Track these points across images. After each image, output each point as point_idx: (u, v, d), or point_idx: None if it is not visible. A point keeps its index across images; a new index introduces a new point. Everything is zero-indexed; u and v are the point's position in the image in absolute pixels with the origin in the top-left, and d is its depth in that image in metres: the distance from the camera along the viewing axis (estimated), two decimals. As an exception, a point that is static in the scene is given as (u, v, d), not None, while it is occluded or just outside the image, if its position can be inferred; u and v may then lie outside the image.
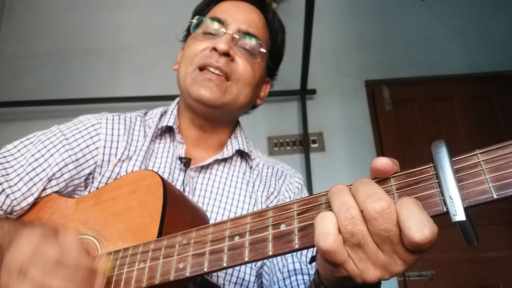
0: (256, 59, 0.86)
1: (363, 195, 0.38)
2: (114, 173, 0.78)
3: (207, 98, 0.80)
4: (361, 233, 0.36)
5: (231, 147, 0.89)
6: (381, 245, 0.37)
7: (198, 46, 0.84)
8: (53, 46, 3.20)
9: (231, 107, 0.84)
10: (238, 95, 0.84)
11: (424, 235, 0.34)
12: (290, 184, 0.90)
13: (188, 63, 0.84)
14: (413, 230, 0.34)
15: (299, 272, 0.75)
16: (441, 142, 0.39)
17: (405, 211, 0.36)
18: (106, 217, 0.64)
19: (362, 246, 0.36)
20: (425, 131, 2.84)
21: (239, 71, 0.83)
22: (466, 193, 0.37)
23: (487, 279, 2.45)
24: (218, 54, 0.81)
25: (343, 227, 0.37)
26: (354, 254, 0.37)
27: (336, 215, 0.38)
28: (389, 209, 0.36)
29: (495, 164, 0.36)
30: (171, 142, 0.87)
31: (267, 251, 0.43)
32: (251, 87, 0.86)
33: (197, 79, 0.81)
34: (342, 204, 0.38)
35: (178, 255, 0.49)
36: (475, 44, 3.09)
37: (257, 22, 0.89)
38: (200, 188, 0.83)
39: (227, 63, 0.81)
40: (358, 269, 0.37)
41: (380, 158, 0.41)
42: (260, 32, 0.88)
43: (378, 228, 0.36)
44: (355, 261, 0.37)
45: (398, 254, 0.37)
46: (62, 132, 0.79)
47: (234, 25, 0.85)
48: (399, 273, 0.37)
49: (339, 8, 3.25)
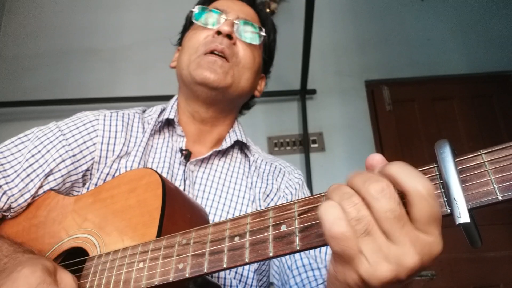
0: (256, 43, 0.90)
1: (360, 181, 0.37)
2: (113, 169, 0.78)
3: (212, 79, 0.81)
4: (367, 218, 0.35)
5: (229, 139, 0.90)
6: (390, 233, 0.35)
7: (200, 35, 0.87)
8: (53, 46, 3.20)
9: (233, 91, 0.86)
10: (240, 78, 0.86)
11: (428, 184, 0.35)
12: (290, 180, 0.90)
13: (192, 52, 0.86)
14: (423, 191, 0.35)
15: (309, 268, 0.75)
16: (445, 141, 0.38)
17: (403, 176, 0.36)
18: (105, 215, 0.64)
19: (370, 233, 0.35)
20: (425, 131, 2.84)
21: (240, 55, 0.87)
22: (471, 195, 0.36)
23: (487, 279, 2.45)
24: (221, 36, 0.84)
25: (348, 214, 0.36)
26: (364, 245, 0.35)
27: (339, 205, 0.37)
28: (389, 188, 0.36)
29: (500, 164, 0.36)
30: (170, 136, 0.88)
31: (267, 252, 0.42)
32: (251, 72, 0.89)
33: (201, 62, 0.83)
34: (342, 194, 0.37)
35: (177, 256, 0.49)
36: (475, 44, 3.09)
37: (252, 14, 0.94)
38: (200, 182, 0.83)
39: (230, 45, 0.85)
40: (370, 264, 0.35)
41: (375, 154, 0.41)
42: (256, 23, 0.93)
43: (383, 210, 0.35)
44: (366, 254, 0.35)
45: (410, 237, 0.35)
46: (60, 128, 0.79)
47: (233, 13, 0.89)
48: (414, 268, 0.35)
49: (339, 8, 3.25)
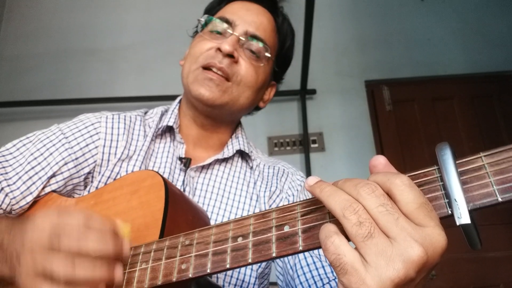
0: (260, 63, 0.86)
1: (351, 186, 0.39)
2: (114, 173, 0.78)
3: (206, 97, 0.80)
4: (368, 220, 0.36)
5: (231, 147, 0.89)
6: (387, 228, 0.36)
7: (204, 46, 0.84)
8: (53, 46, 3.20)
9: (230, 108, 0.84)
10: (238, 97, 0.84)
11: (403, 177, 0.37)
12: (293, 181, 0.90)
13: (192, 61, 0.85)
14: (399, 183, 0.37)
15: (313, 267, 0.75)
16: (445, 144, 0.39)
17: (381, 177, 0.39)
18: (107, 217, 0.64)
19: (373, 235, 0.35)
20: (425, 131, 2.84)
21: (241, 73, 0.83)
22: (471, 196, 0.37)
23: (487, 279, 2.45)
24: (222, 55, 0.81)
25: (348, 221, 0.36)
26: (368, 250, 0.35)
27: (340, 213, 0.37)
28: (377, 188, 0.37)
29: (500, 167, 0.36)
30: (171, 142, 0.87)
31: (270, 253, 0.42)
32: (253, 90, 0.86)
33: (198, 77, 0.81)
34: (342, 201, 0.38)
35: (180, 256, 0.49)
36: (475, 44, 3.09)
37: (265, 25, 0.88)
38: (201, 188, 0.83)
39: (230, 64, 0.81)
40: (376, 268, 0.35)
41: (379, 156, 0.42)
42: (267, 36, 0.87)
43: (375, 206, 0.36)
44: (368, 259, 0.35)
45: (407, 231, 0.35)
46: (62, 131, 0.79)
47: (241, 26, 0.84)
48: (420, 261, 0.34)
49: (339, 8, 3.25)
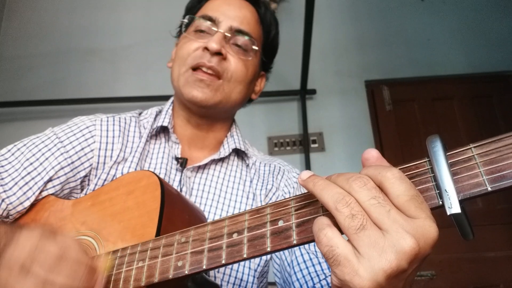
0: (248, 57, 0.86)
1: (343, 180, 0.39)
2: (110, 175, 0.78)
3: (200, 99, 0.80)
4: (361, 213, 0.36)
5: (227, 146, 0.89)
6: (379, 220, 0.36)
7: (190, 46, 0.84)
8: (53, 46, 3.20)
9: (224, 105, 0.85)
10: (230, 93, 0.84)
11: (394, 170, 0.38)
12: (289, 179, 0.91)
13: (181, 63, 0.84)
14: (390, 176, 0.38)
15: (310, 263, 0.75)
16: (436, 136, 0.40)
17: (372, 170, 0.39)
18: (104, 217, 0.64)
19: (365, 227, 0.36)
20: (425, 131, 2.84)
21: (231, 69, 0.83)
22: (461, 186, 0.37)
23: (487, 279, 2.45)
24: (210, 53, 0.81)
25: (341, 214, 0.37)
26: (360, 242, 0.35)
27: (333, 206, 0.38)
28: (369, 181, 0.38)
29: (489, 157, 0.37)
30: (166, 142, 0.87)
31: (265, 247, 0.43)
32: (244, 84, 0.87)
33: (189, 79, 0.81)
34: (334, 194, 0.38)
35: (176, 253, 0.49)
36: (475, 44, 3.09)
37: (249, 18, 0.88)
38: (197, 188, 0.83)
39: (219, 62, 0.81)
40: (369, 259, 0.35)
41: (371, 149, 0.42)
42: (252, 28, 0.88)
43: (367, 199, 0.37)
44: (361, 250, 0.35)
45: (399, 223, 0.35)
46: (57, 135, 0.78)
47: (225, 23, 0.85)
48: (412, 252, 0.34)
49: (339, 8, 3.25)
